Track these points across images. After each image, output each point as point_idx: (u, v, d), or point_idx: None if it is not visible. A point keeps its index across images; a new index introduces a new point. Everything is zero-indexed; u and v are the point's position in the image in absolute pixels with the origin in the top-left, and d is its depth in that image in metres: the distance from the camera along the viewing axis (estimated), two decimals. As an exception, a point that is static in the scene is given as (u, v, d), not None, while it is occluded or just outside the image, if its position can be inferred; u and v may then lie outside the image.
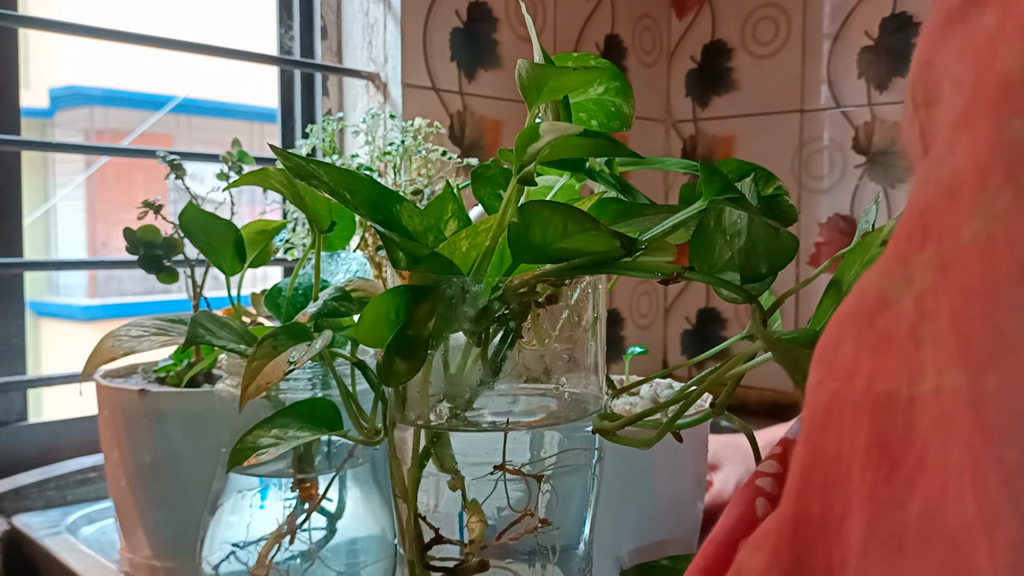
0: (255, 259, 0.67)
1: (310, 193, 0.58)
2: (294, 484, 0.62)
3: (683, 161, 0.72)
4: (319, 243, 0.61)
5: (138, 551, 0.74)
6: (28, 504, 0.91)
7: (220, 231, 0.64)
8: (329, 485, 0.62)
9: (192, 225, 0.64)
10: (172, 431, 0.71)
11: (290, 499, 0.62)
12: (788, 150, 1.46)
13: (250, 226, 0.66)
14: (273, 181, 0.58)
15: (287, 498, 0.62)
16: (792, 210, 0.48)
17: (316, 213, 0.60)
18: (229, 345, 0.54)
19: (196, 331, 0.53)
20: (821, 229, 1.42)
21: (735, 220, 0.42)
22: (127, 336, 0.58)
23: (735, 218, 0.42)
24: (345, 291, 0.57)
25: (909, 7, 1.31)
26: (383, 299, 0.43)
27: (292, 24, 1.23)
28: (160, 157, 0.80)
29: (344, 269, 0.68)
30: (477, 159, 1.02)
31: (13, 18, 0.94)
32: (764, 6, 1.47)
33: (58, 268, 1.17)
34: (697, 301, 1.59)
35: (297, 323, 0.54)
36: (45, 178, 5.84)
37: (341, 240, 0.64)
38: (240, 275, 0.67)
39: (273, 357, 0.49)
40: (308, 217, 0.60)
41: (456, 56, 1.26)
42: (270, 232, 0.67)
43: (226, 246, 0.65)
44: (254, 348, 0.50)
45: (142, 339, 0.57)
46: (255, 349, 0.50)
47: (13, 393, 0.97)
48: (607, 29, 1.49)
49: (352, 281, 0.61)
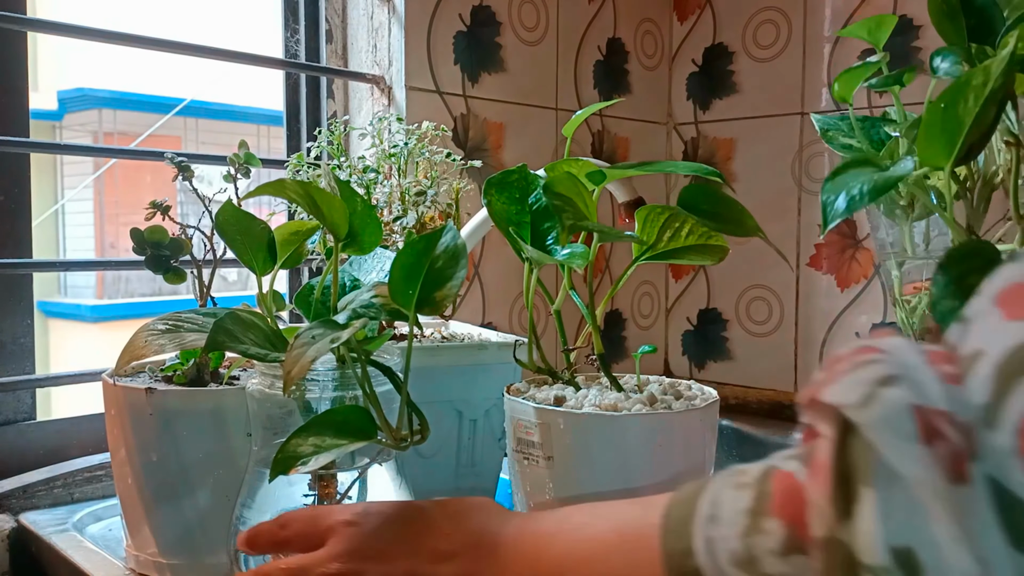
0: (288, 260, 0.68)
1: (327, 203, 0.59)
2: (311, 482, 0.63)
3: (691, 164, 0.73)
4: (336, 252, 0.62)
5: (144, 548, 0.75)
6: (35, 502, 0.92)
7: (255, 232, 0.65)
8: (350, 488, 0.63)
9: (228, 224, 0.64)
10: (179, 429, 0.72)
11: (309, 495, 0.63)
12: (789, 153, 1.46)
13: (284, 227, 0.67)
14: (289, 191, 0.59)
15: (305, 494, 0.63)
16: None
17: (333, 223, 0.60)
18: (252, 350, 0.55)
19: (217, 338, 0.54)
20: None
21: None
22: (159, 331, 0.58)
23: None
24: (371, 300, 0.59)
25: (910, 10, 1.31)
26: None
27: (298, 28, 1.24)
28: (168, 159, 0.81)
29: (378, 267, 0.69)
30: (480, 161, 1.03)
31: (22, 21, 0.95)
32: (765, 9, 1.48)
33: (66, 269, 1.19)
34: (698, 301, 1.60)
35: (331, 318, 0.57)
36: (54, 180, 5.87)
37: (369, 245, 0.64)
38: (272, 275, 0.67)
39: (313, 344, 0.52)
40: (326, 227, 0.61)
41: (460, 59, 1.27)
42: (304, 234, 0.68)
43: (259, 247, 0.65)
44: (293, 339, 0.52)
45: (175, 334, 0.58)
46: (295, 339, 0.52)
47: (21, 392, 0.98)
48: (609, 32, 1.50)
49: (378, 285, 0.62)
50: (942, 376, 0.30)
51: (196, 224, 0.78)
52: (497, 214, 0.69)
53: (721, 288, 1.56)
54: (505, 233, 0.69)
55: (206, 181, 0.85)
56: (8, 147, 0.96)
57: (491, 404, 0.86)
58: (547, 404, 0.66)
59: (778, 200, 1.47)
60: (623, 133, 1.54)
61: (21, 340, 0.98)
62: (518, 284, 1.32)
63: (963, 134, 0.52)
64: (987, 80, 0.50)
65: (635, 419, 0.63)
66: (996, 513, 0.27)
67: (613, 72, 1.51)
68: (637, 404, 0.65)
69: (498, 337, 0.92)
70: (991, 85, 0.50)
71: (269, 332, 0.58)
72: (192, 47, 1.09)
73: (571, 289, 0.73)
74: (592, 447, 0.63)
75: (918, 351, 0.32)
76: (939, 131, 0.53)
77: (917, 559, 0.27)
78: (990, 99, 0.50)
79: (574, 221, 0.65)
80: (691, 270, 1.61)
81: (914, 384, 0.30)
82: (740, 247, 1.41)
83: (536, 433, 0.66)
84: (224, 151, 0.88)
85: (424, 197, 0.87)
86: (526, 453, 0.67)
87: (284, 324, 0.66)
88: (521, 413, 0.67)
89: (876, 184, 0.56)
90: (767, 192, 1.49)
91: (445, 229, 0.58)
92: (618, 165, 0.71)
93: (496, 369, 0.85)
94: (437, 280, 0.57)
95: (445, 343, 0.87)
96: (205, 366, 0.76)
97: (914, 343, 0.32)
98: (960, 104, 0.52)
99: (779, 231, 1.45)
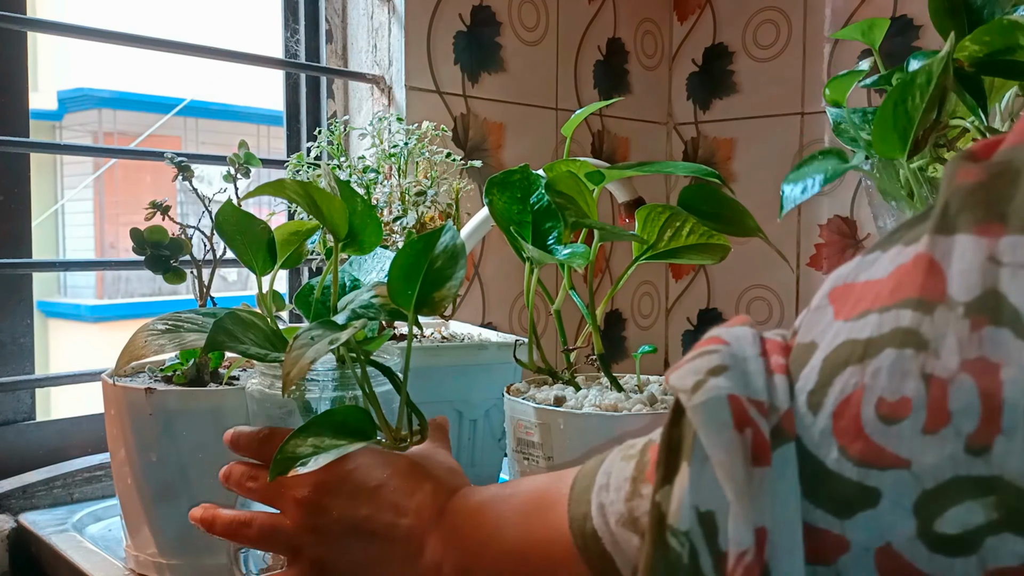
0: (287, 260, 0.68)
1: (327, 203, 0.59)
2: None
3: (689, 165, 0.73)
4: (336, 252, 0.62)
5: (144, 549, 0.75)
6: (35, 502, 0.92)
7: (255, 231, 0.65)
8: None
9: (228, 224, 0.64)
10: (179, 429, 0.72)
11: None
12: (789, 152, 1.46)
13: (284, 227, 0.66)
14: (289, 191, 0.59)
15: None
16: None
17: (333, 223, 0.60)
18: (252, 350, 0.55)
19: (216, 338, 0.54)
20: (821, 231, 1.43)
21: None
22: (158, 331, 0.58)
23: None
24: (371, 300, 0.59)
25: (910, 10, 1.31)
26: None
27: (298, 28, 1.24)
28: (168, 159, 0.81)
29: (378, 268, 0.69)
30: (480, 161, 1.03)
31: (22, 21, 0.95)
32: (765, 9, 1.48)
33: (66, 269, 1.19)
34: (699, 301, 1.60)
35: (330, 319, 0.57)
36: (54, 180, 5.87)
37: (369, 245, 0.64)
38: (272, 275, 0.67)
39: (312, 346, 0.52)
40: (326, 227, 0.61)
41: (460, 59, 1.27)
42: (303, 234, 0.67)
43: (259, 246, 0.65)
44: (292, 340, 0.53)
45: (175, 334, 0.58)
46: (294, 340, 0.52)
47: (21, 392, 0.98)
48: (609, 33, 1.50)
49: (378, 285, 0.62)
50: (769, 367, 0.34)
51: (196, 224, 0.78)
52: (499, 213, 0.69)
53: (721, 288, 1.56)
54: (506, 232, 0.69)
55: (206, 181, 0.85)
56: (8, 147, 0.96)
57: (491, 404, 0.86)
58: (547, 404, 0.66)
59: (778, 200, 1.47)
60: (623, 133, 1.54)
61: (21, 340, 0.98)
62: (518, 284, 1.32)
63: (914, 128, 0.58)
64: (930, 79, 0.56)
65: (635, 419, 0.63)
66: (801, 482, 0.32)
67: (613, 72, 1.51)
68: (637, 404, 0.65)
69: (498, 337, 0.92)
70: (934, 83, 0.55)
71: (269, 332, 0.58)
72: (192, 47, 1.09)
73: (571, 289, 0.73)
74: (592, 447, 0.63)
75: (755, 342, 0.36)
76: (891, 126, 0.59)
77: (716, 522, 0.33)
78: (934, 95, 0.56)
79: (577, 218, 0.66)
80: (691, 270, 1.61)
81: (739, 375, 0.34)
82: (740, 247, 1.41)
83: (536, 433, 0.66)
84: (224, 151, 0.88)
85: (424, 197, 0.87)
86: (526, 453, 0.67)
87: (284, 324, 0.66)
88: (521, 413, 0.67)
89: (828, 174, 0.66)
90: (767, 192, 1.49)
91: (444, 229, 0.58)
92: (616, 165, 0.71)
93: (496, 369, 0.85)
94: (436, 280, 0.57)
95: (445, 343, 0.87)
96: (205, 366, 0.76)
97: (756, 333, 0.37)
98: (909, 101, 0.57)
99: (779, 231, 1.45)
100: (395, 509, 0.53)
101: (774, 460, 0.32)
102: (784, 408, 0.33)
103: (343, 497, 0.53)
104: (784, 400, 0.33)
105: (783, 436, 0.33)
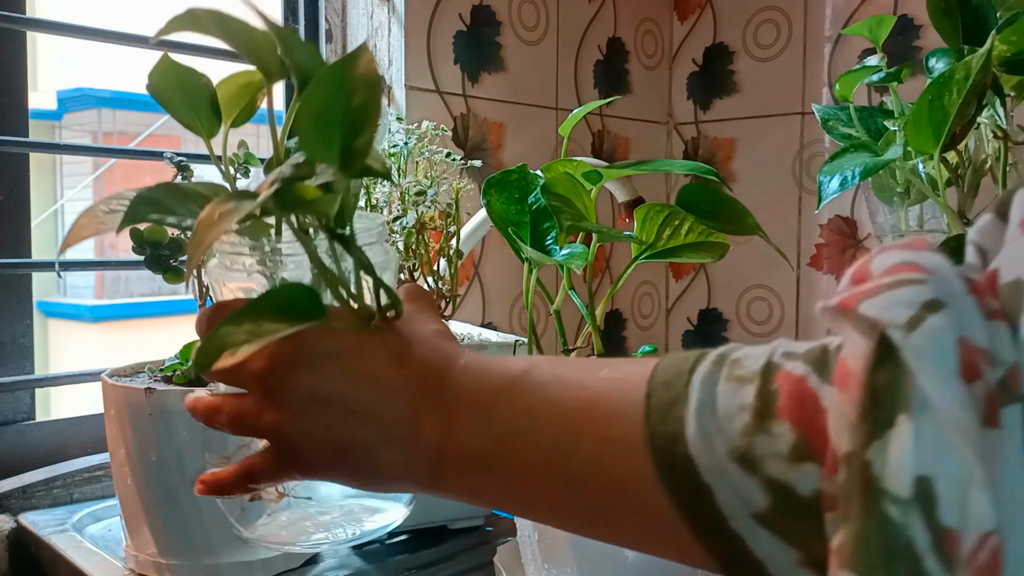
0: (238, 116, 0.57)
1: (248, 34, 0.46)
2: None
3: (687, 163, 0.73)
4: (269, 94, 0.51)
5: (144, 549, 0.75)
6: (35, 502, 0.92)
7: (198, 87, 0.55)
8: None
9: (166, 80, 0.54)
10: (178, 429, 0.72)
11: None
12: (789, 152, 1.46)
13: (231, 79, 0.56)
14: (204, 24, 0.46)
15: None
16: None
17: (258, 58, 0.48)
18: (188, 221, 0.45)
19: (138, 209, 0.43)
20: (822, 231, 1.43)
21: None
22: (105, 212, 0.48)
23: None
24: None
25: (911, 10, 1.31)
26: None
27: (297, 27, 1.24)
28: (167, 159, 0.81)
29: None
30: (480, 161, 1.02)
31: (22, 21, 0.95)
32: (765, 9, 1.48)
33: (66, 269, 1.19)
34: (699, 301, 1.60)
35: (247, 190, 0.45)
36: (53, 179, 5.87)
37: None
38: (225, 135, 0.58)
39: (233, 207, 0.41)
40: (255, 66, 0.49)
41: (460, 59, 1.27)
42: (256, 85, 0.57)
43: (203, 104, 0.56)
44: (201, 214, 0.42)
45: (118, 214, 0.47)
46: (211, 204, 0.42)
47: (21, 392, 0.98)
48: (609, 32, 1.50)
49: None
50: (984, 310, 0.29)
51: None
52: (496, 214, 0.69)
53: (721, 288, 1.56)
54: (504, 233, 0.69)
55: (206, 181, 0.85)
56: (8, 147, 0.96)
57: (491, 404, 0.86)
58: (547, 404, 0.66)
59: (778, 200, 1.47)
60: (623, 133, 1.54)
61: (20, 340, 0.98)
62: (518, 284, 1.32)
63: (948, 123, 0.59)
64: (968, 75, 0.56)
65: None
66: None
67: (613, 72, 1.51)
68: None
69: (498, 337, 0.92)
70: (972, 79, 0.56)
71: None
72: (192, 47, 1.09)
73: (571, 289, 0.73)
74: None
75: (960, 276, 0.30)
76: (927, 121, 0.59)
77: (934, 491, 0.26)
78: (971, 92, 0.57)
79: (572, 222, 0.65)
80: (691, 270, 1.61)
81: (959, 315, 0.28)
82: (740, 247, 1.41)
83: (536, 433, 0.65)
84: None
85: (424, 197, 0.87)
86: (526, 453, 0.67)
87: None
88: (521, 413, 0.67)
89: (867, 167, 0.65)
90: (767, 192, 1.49)
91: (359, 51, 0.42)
92: (614, 164, 0.71)
93: (496, 369, 0.84)
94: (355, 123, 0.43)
95: (445, 343, 0.86)
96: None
97: (953, 265, 0.30)
98: (945, 96, 0.58)
99: (779, 231, 1.45)
100: (373, 382, 0.44)
101: (1003, 422, 0.27)
102: (1010, 362, 0.28)
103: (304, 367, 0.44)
104: (1009, 352, 0.28)
105: (1010, 395, 0.27)
